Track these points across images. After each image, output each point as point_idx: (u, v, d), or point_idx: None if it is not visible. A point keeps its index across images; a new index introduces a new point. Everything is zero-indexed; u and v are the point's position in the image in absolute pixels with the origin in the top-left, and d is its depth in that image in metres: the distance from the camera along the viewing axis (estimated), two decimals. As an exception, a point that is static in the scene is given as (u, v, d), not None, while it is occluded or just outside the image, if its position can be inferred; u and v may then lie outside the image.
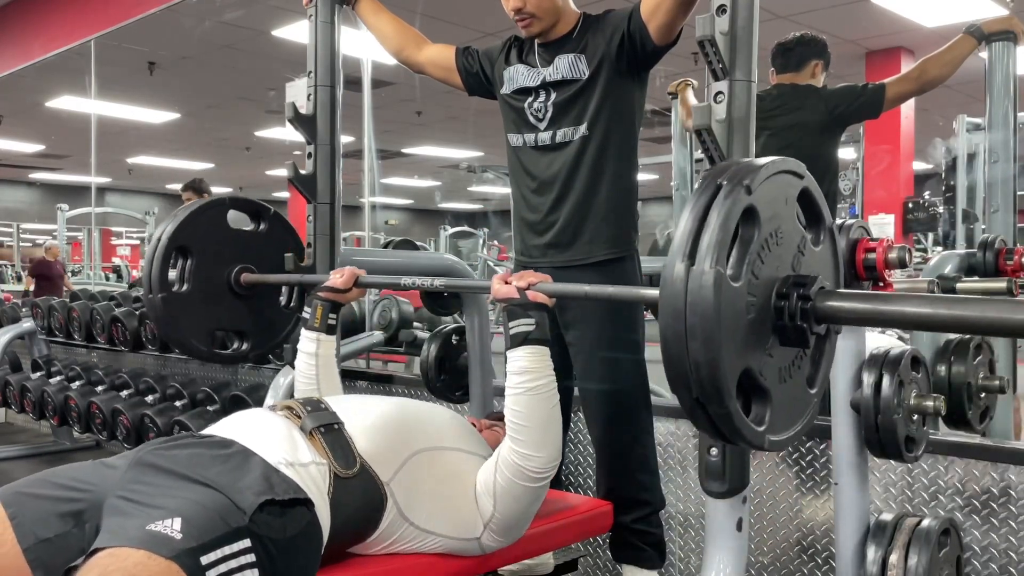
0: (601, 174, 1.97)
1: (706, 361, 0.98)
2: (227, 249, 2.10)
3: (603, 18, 1.96)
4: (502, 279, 1.57)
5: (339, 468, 1.40)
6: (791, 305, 1.07)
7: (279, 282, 2.15)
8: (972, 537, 1.85)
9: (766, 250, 1.06)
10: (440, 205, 17.28)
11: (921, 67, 2.65)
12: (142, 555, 1.10)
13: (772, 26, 5.21)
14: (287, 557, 1.24)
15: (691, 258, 0.98)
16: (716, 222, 0.99)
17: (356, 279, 1.83)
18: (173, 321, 2.03)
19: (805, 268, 1.14)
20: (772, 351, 1.09)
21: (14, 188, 15.14)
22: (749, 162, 1.07)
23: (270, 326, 2.18)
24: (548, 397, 1.52)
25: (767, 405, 1.09)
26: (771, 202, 1.06)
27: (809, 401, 1.20)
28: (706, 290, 0.97)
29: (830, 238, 1.22)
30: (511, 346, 1.51)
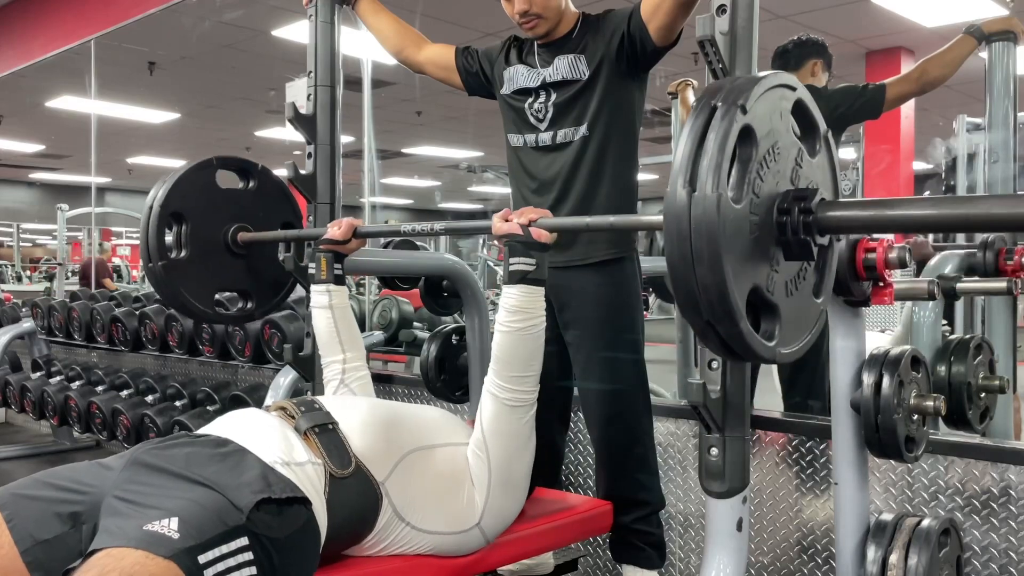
0: (601, 174, 1.97)
1: (714, 284, 0.98)
2: (220, 210, 2.10)
3: (603, 18, 1.96)
4: (503, 216, 1.58)
5: (334, 468, 1.40)
6: (793, 220, 1.08)
7: (276, 239, 2.14)
8: (972, 537, 1.85)
9: (764, 167, 1.06)
10: (440, 205, 17.27)
11: (922, 68, 2.65)
12: (140, 555, 1.10)
13: (772, 26, 5.22)
14: (285, 555, 1.24)
15: (691, 183, 0.99)
16: (714, 145, 0.99)
17: (355, 230, 1.84)
18: (176, 288, 2.03)
19: (804, 180, 1.15)
20: (777, 265, 1.10)
21: (14, 188, 15.13)
22: (743, 80, 1.07)
23: (272, 282, 2.19)
24: (536, 337, 1.55)
25: (776, 320, 1.10)
26: (767, 118, 1.07)
27: (816, 311, 1.22)
28: (709, 214, 0.97)
29: (826, 146, 1.23)
30: (508, 282, 1.54)
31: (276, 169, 2.31)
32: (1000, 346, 2.48)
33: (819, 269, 1.22)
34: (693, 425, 2.27)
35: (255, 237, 2.10)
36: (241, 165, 2.19)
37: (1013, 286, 2.27)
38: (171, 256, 2.01)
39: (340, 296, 1.84)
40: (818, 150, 1.20)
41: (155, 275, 2.01)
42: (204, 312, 2.10)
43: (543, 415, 1.72)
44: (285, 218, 2.21)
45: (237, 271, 2.12)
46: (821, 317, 1.23)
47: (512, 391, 1.55)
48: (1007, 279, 2.30)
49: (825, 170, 1.23)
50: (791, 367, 2.72)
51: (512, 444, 1.57)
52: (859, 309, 1.51)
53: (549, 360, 2.06)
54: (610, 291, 1.98)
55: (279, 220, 2.20)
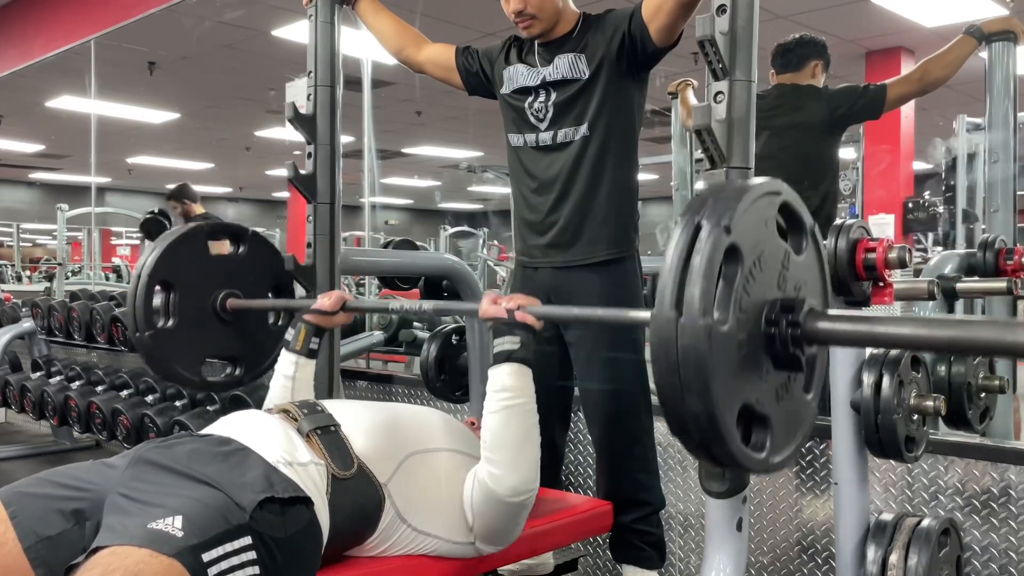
0: (601, 174, 1.97)
1: (704, 413, 0.99)
2: (210, 277, 2.06)
3: (603, 18, 1.96)
4: (491, 299, 1.54)
5: (337, 469, 1.40)
6: (781, 332, 1.06)
7: (264, 307, 2.11)
8: (972, 537, 1.85)
9: (751, 280, 1.05)
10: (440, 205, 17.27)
11: (922, 68, 2.65)
12: (144, 553, 1.10)
13: (772, 26, 5.22)
14: (288, 555, 1.24)
15: (678, 307, 0.98)
16: (700, 269, 0.98)
17: (344, 303, 1.79)
18: (163, 358, 2.00)
19: (791, 282, 1.13)
20: (767, 377, 1.09)
21: (14, 188, 15.13)
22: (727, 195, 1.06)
23: (260, 348, 2.14)
24: (525, 416, 1.49)
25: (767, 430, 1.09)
26: (752, 232, 1.06)
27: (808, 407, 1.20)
28: (698, 343, 0.97)
29: (812, 242, 1.21)
30: (494, 363, 1.50)
31: (276, 169, 2.31)
32: (1000, 346, 2.48)
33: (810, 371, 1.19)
34: (693, 425, 2.26)
35: (244, 304, 2.06)
36: (232, 231, 2.15)
37: (1013, 286, 2.27)
38: (159, 325, 1.97)
39: (306, 371, 1.79)
40: (805, 247, 1.18)
41: (143, 346, 1.97)
42: (191, 380, 2.06)
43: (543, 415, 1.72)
44: (276, 282, 2.17)
45: (226, 338, 2.07)
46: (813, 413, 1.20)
47: (502, 479, 1.47)
48: (1007, 279, 2.30)
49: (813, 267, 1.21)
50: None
51: (501, 524, 1.52)
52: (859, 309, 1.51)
53: (549, 360, 2.08)
54: (611, 291, 1.98)
55: (269, 284, 2.16)
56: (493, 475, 1.48)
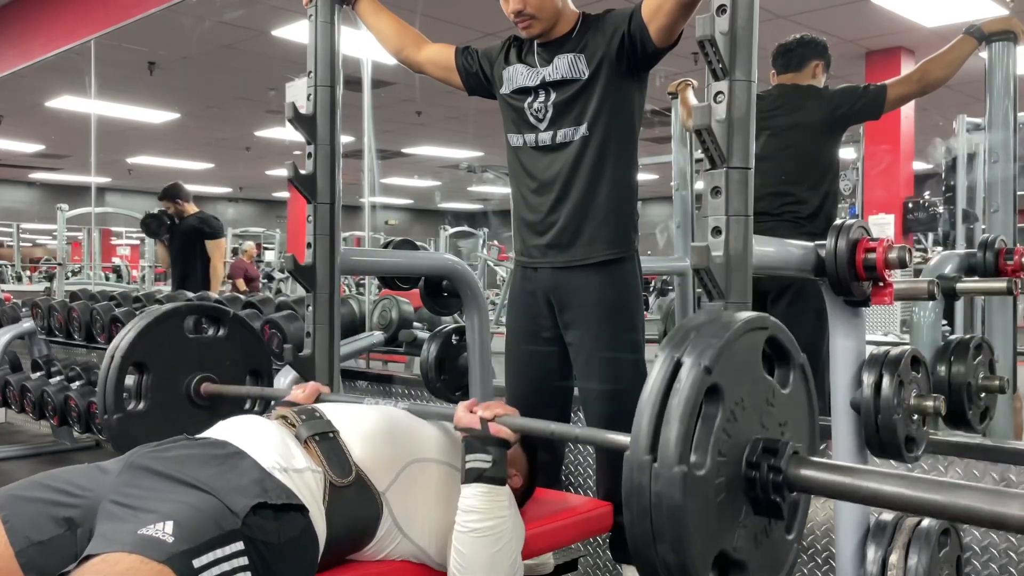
0: (601, 174, 1.97)
1: (676, 563, 0.93)
2: (185, 359, 2.02)
3: (603, 18, 1.96)
4: (468, 407, 1.50)
5: (335, 476, 1.39)
6: (762, 476, 1.00)
7: (239, 395, 2.08)
8: (972, 537, 1.85)
9: (732, 421, 0.99)
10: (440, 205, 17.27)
11: (922, 69, 2.65)
12: (134, 559, 1.10)
13: (772, 26, 5.21)
14: (281, 562, 1.23)
15: (653, 451, 0.93)
16: (677, 411, 0.93)
17: (318, 395, 1.72)
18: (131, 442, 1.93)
19: (775, 418, 1.08)
20: (746, 521, 1.03)
21: (14, 188, 15.13)
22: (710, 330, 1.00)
23: None
24: (492, 540, 1.44)
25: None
26: (735, 370, 1.00)
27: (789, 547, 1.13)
28: (672, 489, 0.92)
29: (801, 376, 1.14)
30: (464, 481, 1.45)
31: (276, 169, 2.31)
32: (1000, 346, 2.49)
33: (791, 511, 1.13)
34: (693, 425, 2.26)
35: (219, 390, 2.03)
36: (212, 312, 2.12)
37: (1013, 286, 2.27)
38: (128, 408, 1.94)
39: None
40: (791, 381, 1.12)
41: (110, 428, 1.93)
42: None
43: (543, 415, 1.72)
44: (255, 365, 2.15)
45: (199, 423, 1.96)
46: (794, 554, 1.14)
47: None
48: (1007, 279, 2.30)
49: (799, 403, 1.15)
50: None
51: None
52: (859, 309, 1.51)
53: (549, 360, 2.08)
54: (610, 291, 1.98)
55: (248, 367, 2.13)
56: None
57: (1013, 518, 0.87)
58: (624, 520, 0.97)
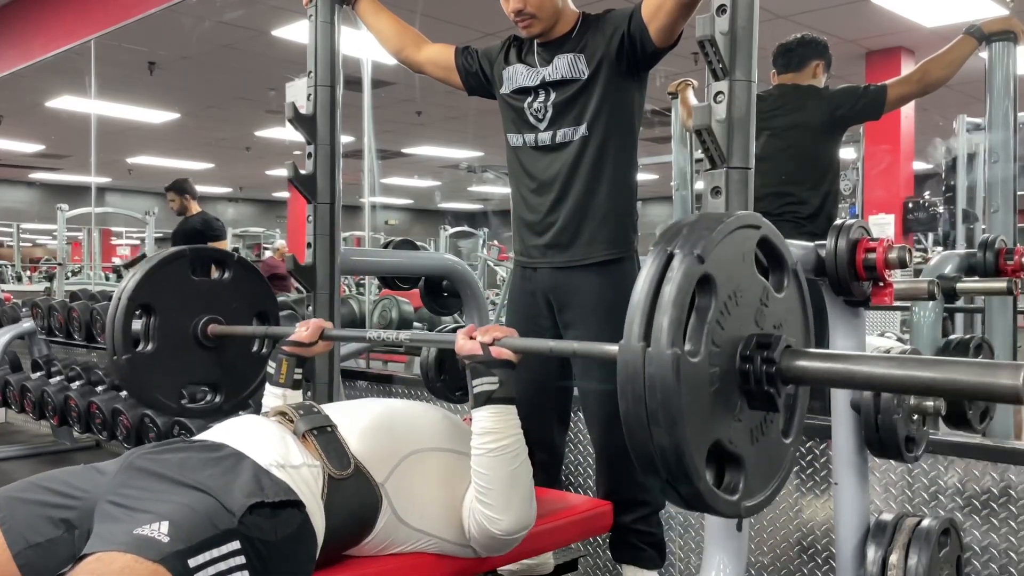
0: (601, 174, 1.96)
1: (671, 446, 0.94)
2: (191, 301, 2.04)
3: (603, 18, 1.96)
4: (466, 334, 1.52)
5: (333, 469, 1.40)
6: (756, 369, 1.02)
7: (246, 335, 2.10)
8: (972, 537, 1.85)
9: (725, 313, 1.01)
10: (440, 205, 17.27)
11: (923, 69, 2.65)
12: (129, 559, 1.10)
13: (772, 26, 5.21)
14: (279, 559, 1.24)
15: (646, 338, 0.95)
16: (669, 298, 0.94)
17: (322, 332, 1.77)
18: (141, 382, 1.98)
19: (770, 320, 1.09)
20: (741, 415, 1.04)
21: (14, 188, 15.13)
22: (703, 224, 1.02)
23: (242, 375, 2.12)
24: (511, 458, 1.47)
25: (740, 472, 1.05)
26: (727, 264, 1.02)
27: (785, 452, 1.15)
28: (665, 374, 0.93)
29: (794, 281, 1.16)
30: (474, 405, 1.47)
31: (276, 169, 2.31)
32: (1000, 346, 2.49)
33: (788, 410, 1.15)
34: (693, 425, 2.26)
35: (225, 331, 2.05)
36: (216, 255, 2.14)
37: (1013, 286, 2.27)
38: (137, 349, 1.95)
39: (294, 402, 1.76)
40: (786, 285, 1.14)
41: (120, 369, 1.95)
42: (169, 407, 2.04)
43: (543, 415, 1.72)
44: (261, 307, 2.16)
45: (206, 364, 2.05)
46: (791, 458, 1.16)
47: (497, 520, 1.47)
48: (1007, 279, 2.31)
49: (794, 305, 1.17)
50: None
51: (499, 547, 1.53)
52: (859, 309, 1.51)
53: (549, 360, 2.07)
54: (610, 291, 1.98)
55: (254, 310, 2.14)
56: (488, 516, 1.47)
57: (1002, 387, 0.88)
58: (620, 409, 0.98)
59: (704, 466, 0.99)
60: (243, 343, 2.12)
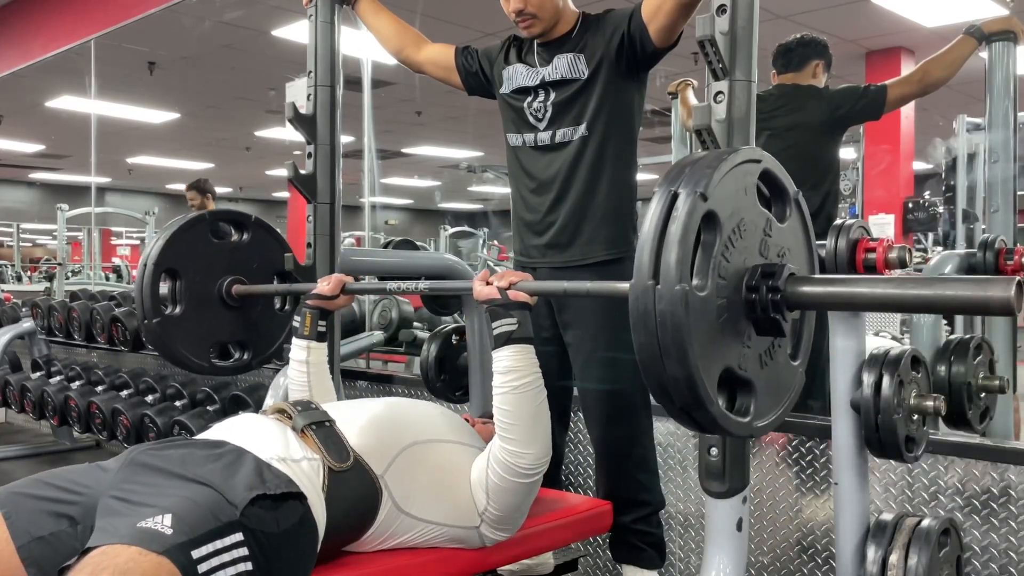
0: (600, 174, 1.96)
1: (683, 376, 0.99)
2: (214, 263, 2.10)
3: (603, 18, 1.96)
4: (483, 279, 1.57)
5: (333, 462, 1.42)
6: (762, 298, 1.07)
7: (268, 292, 2.15)
8: (972, 537, 1.85)
9: (730, 247, 1.06)
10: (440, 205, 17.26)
11: (923, 69, 2.65)
12: (133, 551, 1.11)
13: (772, 26, 5.21)
14: (281, 550, 1.25)
15: (655, 276, 0.99)
16: (676, 236, 0.98)
17: (343, 286, 1.83)
18: (171, 344, 2.04)
19: (774, 249, 1.14)
20: (749, 341, 1.09)
21: (14, 188, 15.12)
22: (704, 162, 1.05)
23: (267, 333, 2.19)
24: (534, 394, 1.52)
25: (751, 395, 1.10)
26: (730, 199, 1.06)
27: (794, 374, 1.20)
28: (675, 308, 0.97)
29: (797, 210, 1.21)
30: (495, 346, 1.52)
31: (276, 169, 2.32)
32: (1000, 346, 2.48)
33: (794, 335, 1.19)
34: (693, 425, 2.27)
35: (249, 290, 2.11)
36: (235, 218, 2.19)
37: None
38: (166, 312, 2.02)
39: (319, 354, 1.82)
40: (788, 215, 1.18)
41: (151, 332, 2.02)
42: (201, 366, 2.10)
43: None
44: (280, 267, 2.20)
45: (232, 323, 2.13)
46: (800, 380, 1.20)
47: (521, 455, 1.50)
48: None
49: (797, 234, 1.21)
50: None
51: (516, 500, 1.55)
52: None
53: (548, 360, 2.06)
54: (610, 291, 1.98)
55: (273, 270, 2.19)
56: (512, 452, 1.50)
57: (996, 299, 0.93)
58: (634, 345, 1.01)
59: (716, 392, 1.03)
60: (266, 302, 2.19)
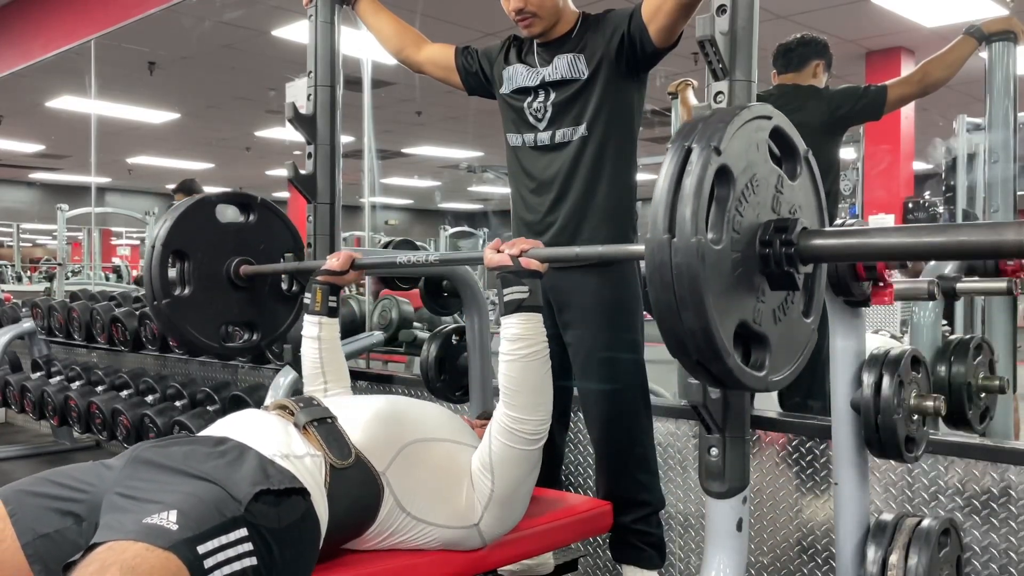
0: (600, 175, 1.96)
1: (700, 328, 1.00)
2: (222, 245, 2.11)
3: (603, 18, 1.96)
4: (494, 247, 1.58)
5: (335, 459, 1.42)
6: (775, 252, 1.09)
7: (276, 271, 2.16)
8: (972, 537, 1.85)
9: (743, 202, 1.07)
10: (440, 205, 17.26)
11: (923, 70, 2.65)
12: (140, 547, 1.11)
13: (772, 26, 5.21)
14: (284, 546, 1.25)
15: (671, 229, 1.00)
16: (690, 190, 1.00)
17: (352, 261, 1.84)
18: (181, 325, 2.05)
19: (785, 205, 1.15)
20: (764, 296, 1.11)
21: (14, 188, 15.12)
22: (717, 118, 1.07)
23: (276, 313, 2.20)
24: (541, 363, 1.54)
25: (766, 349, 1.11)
26: (743, 154, 1.07)
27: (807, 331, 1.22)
28: (690, 261, 0.98)
29: (807, 167, 1.22)
30: (505, 313, 1.53)
31: (276, 169, 2.31)
32: (1000, 346, 2.48)
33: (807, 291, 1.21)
34: (693, 425, 2.27)
35: (257, 270, 2.11)
36: (240, 199, 2.19)
37: (1013, 286, 2.27)
38: (175, 294, 2.03)
39: (330, 329, 1.84)
40: (799, 172, 1.20)
41: (161, 314, 2.03)
42: (211, 347, 2.12)
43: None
44: (286, 248, 2.21)
45: (241, 304, 2.14)
46: (812, 337, 1.22)
47: (525, 422, 1.52)
48: (1007, 279, 2.30)
49: (808, 191, 1.23)
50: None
51: (519, 473, 1.56)
52: (859, 309, 1.51)
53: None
54: (609, 291, 1.98)
55: (280, 251, 2.20)
56: (515, 418, 1.52)
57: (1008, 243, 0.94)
58: (650, 298, 1.03)
59: (732, 344, 1.05)
60: (274, 283, 2.19)
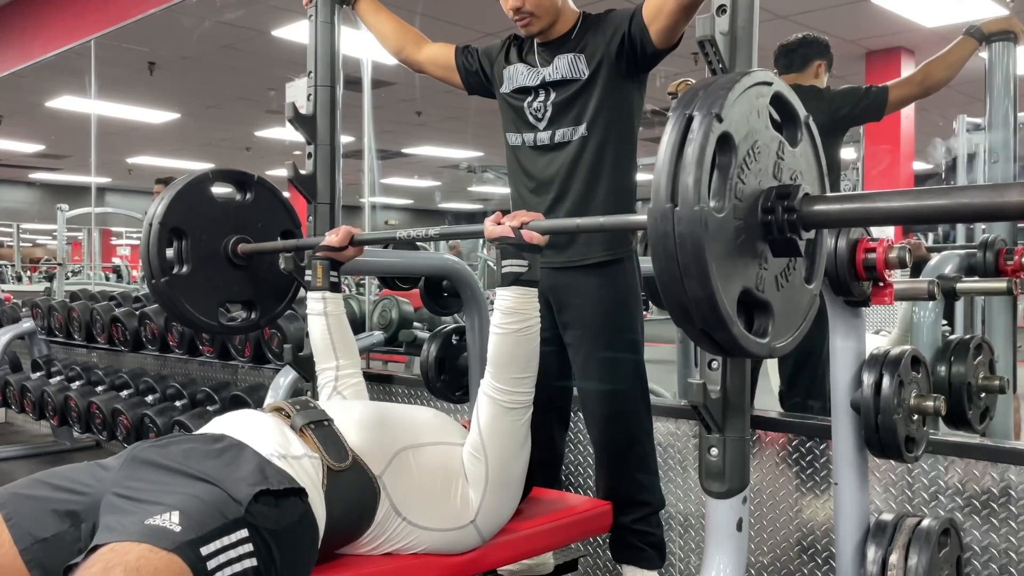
0: (599, 175, 1.96)
1: (704, 296, 1.00)
2: (219, 223, 2.10)
3: (603, 18, 1.96)
4: (495, 220, 1.58)
5: (332, 461, 1.42)
6: (778, 218, 1.09)
7: (275, 249, 2.15)
8: (972, 537, 1.85)
9: (745, 169, 1.07)
10: (440, 205, 17.26)
11: (924, 71, 2.65)
12: (144, 548, 1.11)
13: (772, 26, 5.21)
14: (283, 547, 1.25)
15: (673, 198, 1.00)
16: (692, 158, 1.00)
17: (352, 237, 1.84)
18: (180, 303, 2.05)
19: (787, 172, 1.15)
20: (766, 263, 1.12)
21: (14, 188, 15.11)
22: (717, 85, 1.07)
23: (275, 291, 2.20)
24: (531, 339, 1.55)
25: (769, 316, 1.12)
26: (744, 121, 1.07)
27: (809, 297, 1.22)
28: (693, 229, 0.98)
29: (807, 133, 1.22)
30: (502, 284, 1.54)
31: (276, 169, 2.31)
32: (1000, 346, 2.48)
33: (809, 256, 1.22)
34: (693, 425, 2.27)
35: (255, 248, 2.11)
36: (237, 177, 2.19)
37: (1013, 286, 2.27)
38: (173, 272, 2.02)
39: (335, 303, 1.85)
40: (800, 139, 1.20)
41: (159, 292, 2.02)
42: (210, 325, 2.12)
43: (543, 415, 1.72)
44: (284, 227, 2.21)
45: (240, 282, 2.14)
46: (814, 303, 1.23)
47: (510, 393, 1.55)
48: (1007, 279, 2.31)
49: (809, 157, 1.23)
50: (791, 367, 2.72)
51: (510, 445, 1.57)
52: (859, 309, 1.51)
53: (548, 360, 2.06)
54: (609, 291, 1.98)
55: (278, 229, 2.20)
56: (500, 389, 1.55)
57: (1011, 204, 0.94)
58: (654, 268, 1.03)
59: (736, 311, 1.05)
60: (272, 261, 2.19)
